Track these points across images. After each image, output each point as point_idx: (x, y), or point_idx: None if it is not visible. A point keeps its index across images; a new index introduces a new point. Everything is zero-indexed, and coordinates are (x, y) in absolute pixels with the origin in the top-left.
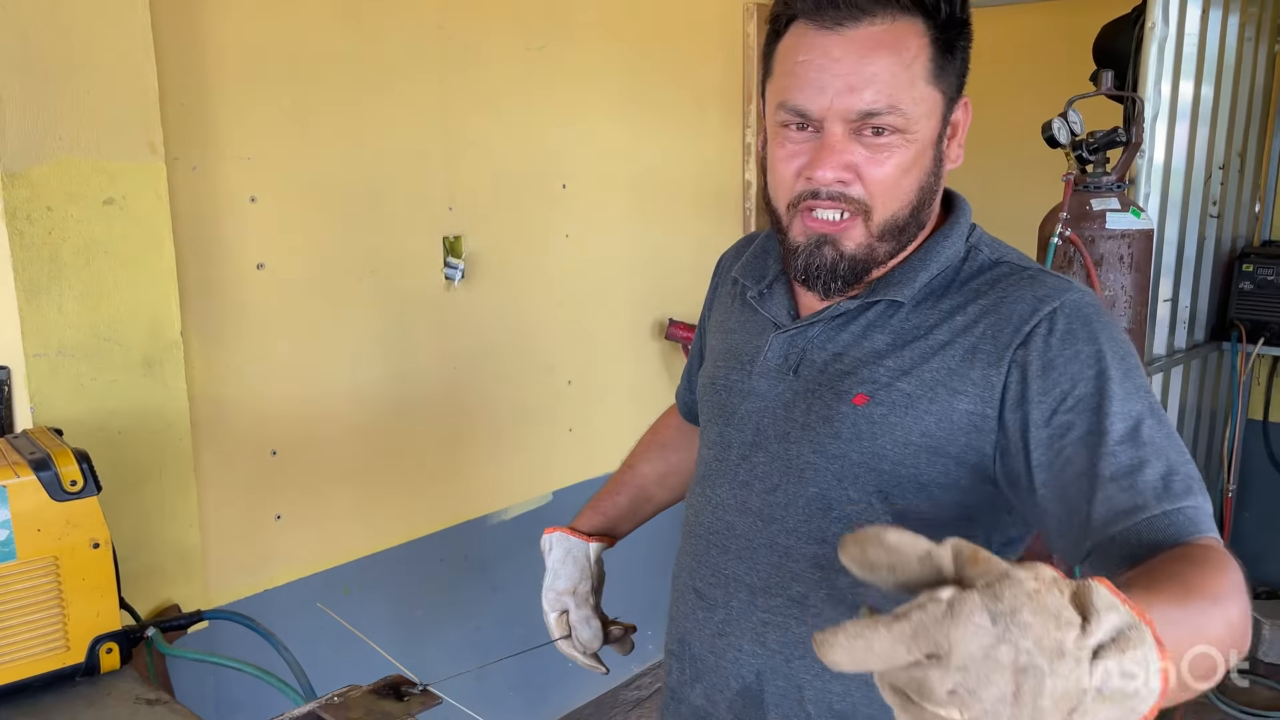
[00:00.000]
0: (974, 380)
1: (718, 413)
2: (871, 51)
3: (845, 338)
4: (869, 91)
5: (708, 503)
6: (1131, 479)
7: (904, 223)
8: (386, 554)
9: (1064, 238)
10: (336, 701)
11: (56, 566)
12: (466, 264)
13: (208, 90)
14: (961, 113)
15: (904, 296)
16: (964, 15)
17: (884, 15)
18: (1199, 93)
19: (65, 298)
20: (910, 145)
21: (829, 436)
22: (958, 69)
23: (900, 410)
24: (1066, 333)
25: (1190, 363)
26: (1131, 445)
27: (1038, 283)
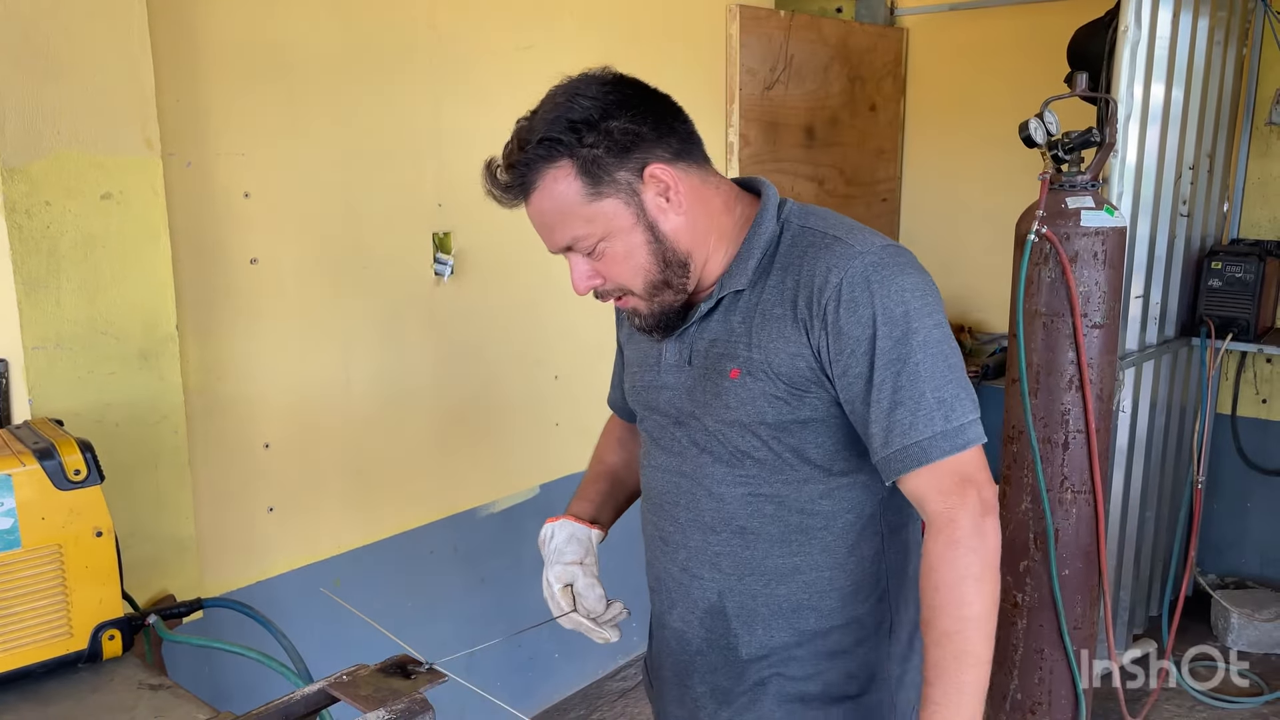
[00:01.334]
0: (804, 344)
1: (645, 406)
2: (540, 211)
3: (713, 327)
4: (555, 235)
5: (656, 469)
6: (887, 420)
7: (662, 279)
8: (377, 546)
9: (1040, 235)
10: (345, 680)
11: (60, 554)
12: (456, 260)
13: (202, 87)
14: (660, 174)
15: (741, 284)
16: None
17: (537, 179)
18: (1170, 95)
19: (63, 291)
20: (616, 239)
21: (722, 407)
22: (619, 163)
23: (762, 375)
24: (850, 300)
25: (1161, 358)
26: (891, 389)
27: (831, 251)
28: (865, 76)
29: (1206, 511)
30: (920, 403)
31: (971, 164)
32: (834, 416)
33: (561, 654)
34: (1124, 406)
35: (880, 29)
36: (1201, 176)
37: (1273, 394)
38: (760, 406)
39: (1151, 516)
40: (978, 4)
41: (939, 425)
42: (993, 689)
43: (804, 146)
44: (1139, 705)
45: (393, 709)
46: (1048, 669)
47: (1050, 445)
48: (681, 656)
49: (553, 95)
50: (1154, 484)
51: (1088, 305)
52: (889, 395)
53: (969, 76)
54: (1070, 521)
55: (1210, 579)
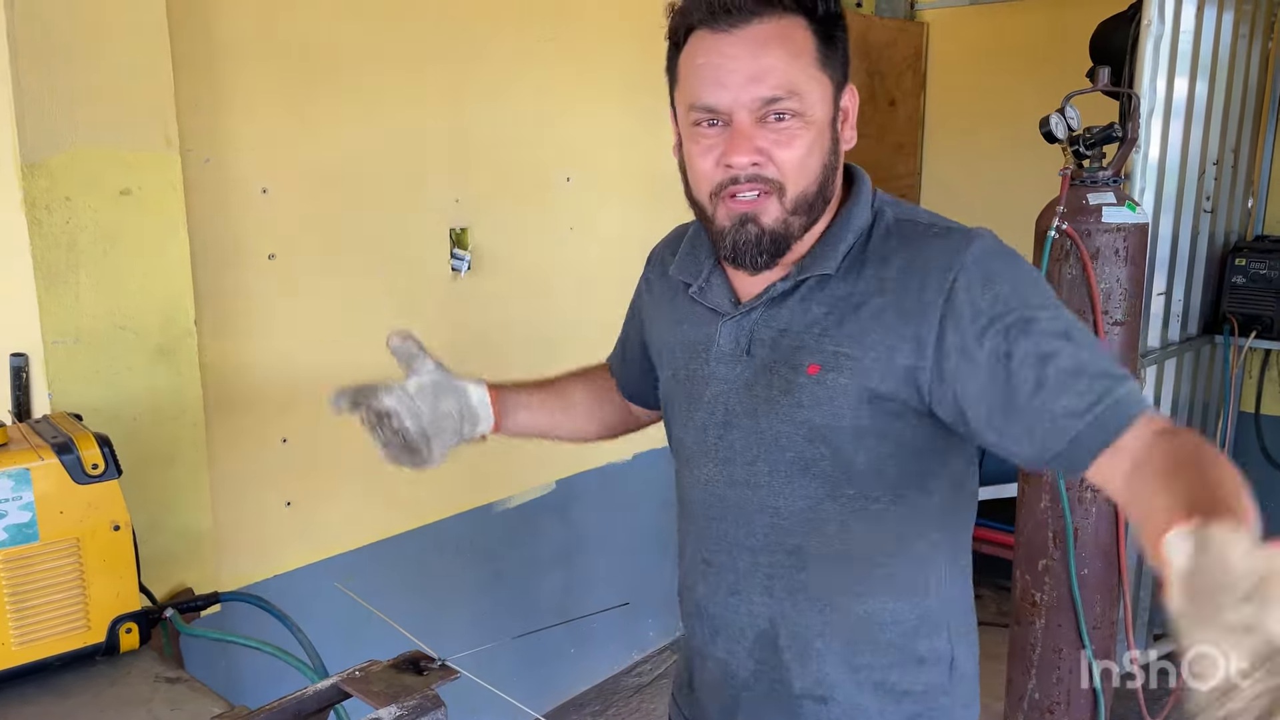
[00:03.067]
0: (908, 337)
1: (686, 400)
2: (764, 46)
3: (785, 314)
4: (768, 81)
5: (697, 481)
6: (1076, 381)
7: (813, 198)
8: (392, 540)
9: (1061, 231)
10: (358, 675)
11: (78, 548)
12: (473, 255)
13: (220, 83)
14: (849, 99)
15: (830, 268)
16: (838, 10)
17: (770, 14)
18: (1194, 89)
19: (82, 286)
20: (810, 127)
21: (792, 406)
22: (840, 59)
23: (849, 373)
24: (984, 279)
25: (1183, 355)
26: (1068, 356)
27: (946, 239)
28: (885, 71)
29: None
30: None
31: (991, 159)
32: (915, 429)
33: (577, 649)
34: None
35: (900, 23)
36: (1225, 172)
37: None
38: (839, 409)
39: None
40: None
41: (1130, 384)
42: (1010, 688)
43: None
44: (1159, 705)
45: (405, 705)
46: (1066, 669)
47: None
48: (727, 691)
49: None
50: None
51: (1109, 302)
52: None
53: (989, 71)
54: (1090, 520)
55: None
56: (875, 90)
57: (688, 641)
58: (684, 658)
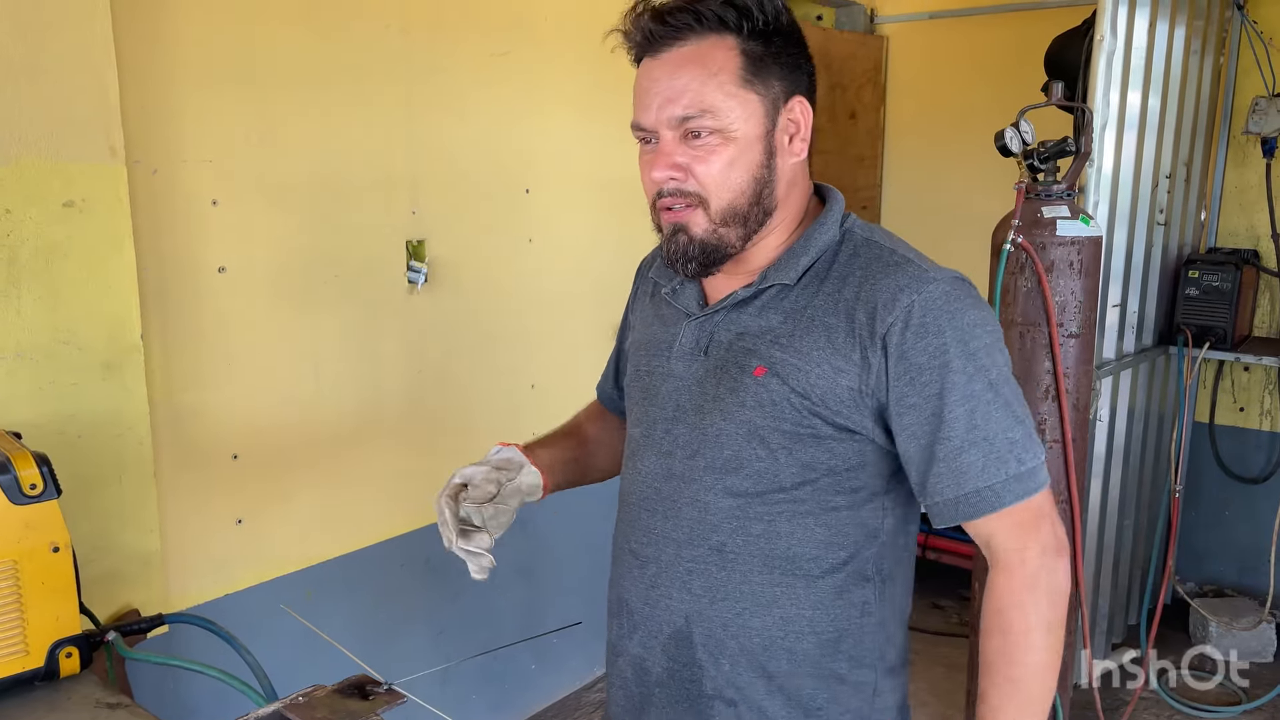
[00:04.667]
0: (854, 360)
1: (642, 395)
2: (680, 68)
3: (744, 319)
4: (680, 101)
5: (637, 474)
6: (956, 461)
7: (744, 210)
8: (348, 558)
9: (1016, 244)
10: (301, 701)
11: (15, 570)
12: (430, 268)
13: (169, 93)
14: (798, 111)
15: (789, 279)
16: (775, 24)
17: (692, 37)
18: (1146, 104)
19: (24, 300)
20: (731, 142)
21: (736, 405)
22: (780, 73)
23: (793, 379)
24: (920, 327)
25: (1139, 366)
26: (965, 428)
27: (902, 271)
28: (845, 84)
29: (1185, 520)
30: (993, 445)
31: (951, 172)
32: (853, 444)
33: (538, 665)
34: (1102, 415)
35: (860, 37)
36: (1179, 185)
37: (1250, 402)
38: (780, 412)
39: (1130, 525)
40: (957, 13)
41: (1012, 468)
42: (970, 699)
43: None
44: (1117, 714)
45: None
46: None
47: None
48: (638, 688)
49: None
50: (1132, 492)
51: (1064, 315)
52: (961, 434)
53: (949, 85)
54: None
55: (1189, 587)
56: (836, 103)
57: (608, 639)
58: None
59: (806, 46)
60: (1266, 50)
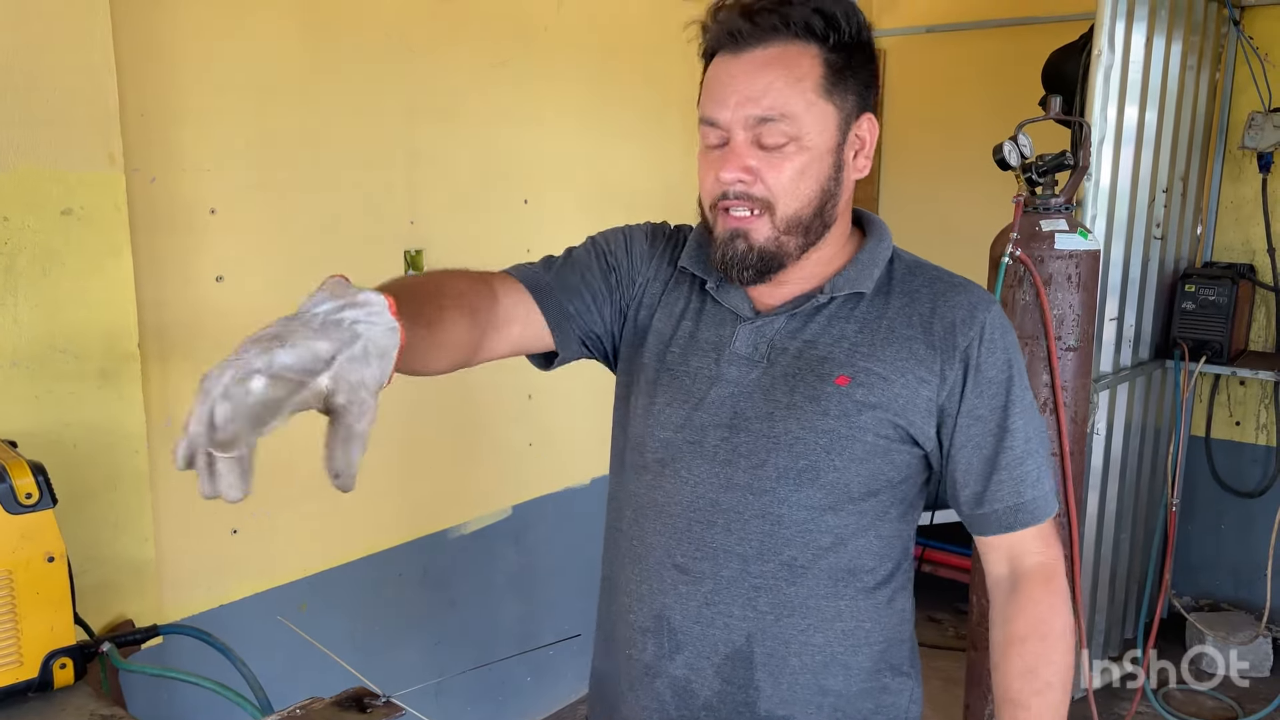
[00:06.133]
0: (935, 371)
1: (683, 397)
2: (764, 68)
3: (814, 328)
4: (762, 101)
5: (684, 482)
6: (1016, 470)
7: (808, 220)
8: (344, 569)
9: (1014, 257)
10: (299, 714)
11: (10, 580)
12: None
13: (168, 101)
14: (867, 128)
15: (865, 288)
16: (858, 40)
17: (778, 40)
18: (1143, 118)
19: (21, 308)
20: (805, 151)
21: (817, 414)
22: (856, 88)
23: (878, 390)
24: (992, 342)
25: (1135, 380)
26: (1024, 440)
27: (968, 291)
28: None
29: (1181, 534)
30: (1041, 456)
31: (948, 185)
32: (912, 455)
33: (534, 678)
34: (1098, 429)
35: None
36: (1175, 199)
37: (1246, 416)
38: (863, 423)
39: (1126, 539)
40: (955, 26)
41: (1048, 484)
42: (968, 712)
43: None
44: None
45: None
46: None
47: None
48: (679, 712)
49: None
50: (1129, 506)
51: (1061, 328)
52: (1021, 445)
53: (946, 98)
54: None
55: (1185, 601)
56: None
57: (621, 663)
58: (604, 685)
59: (878, 66)
60: (1263, 66)
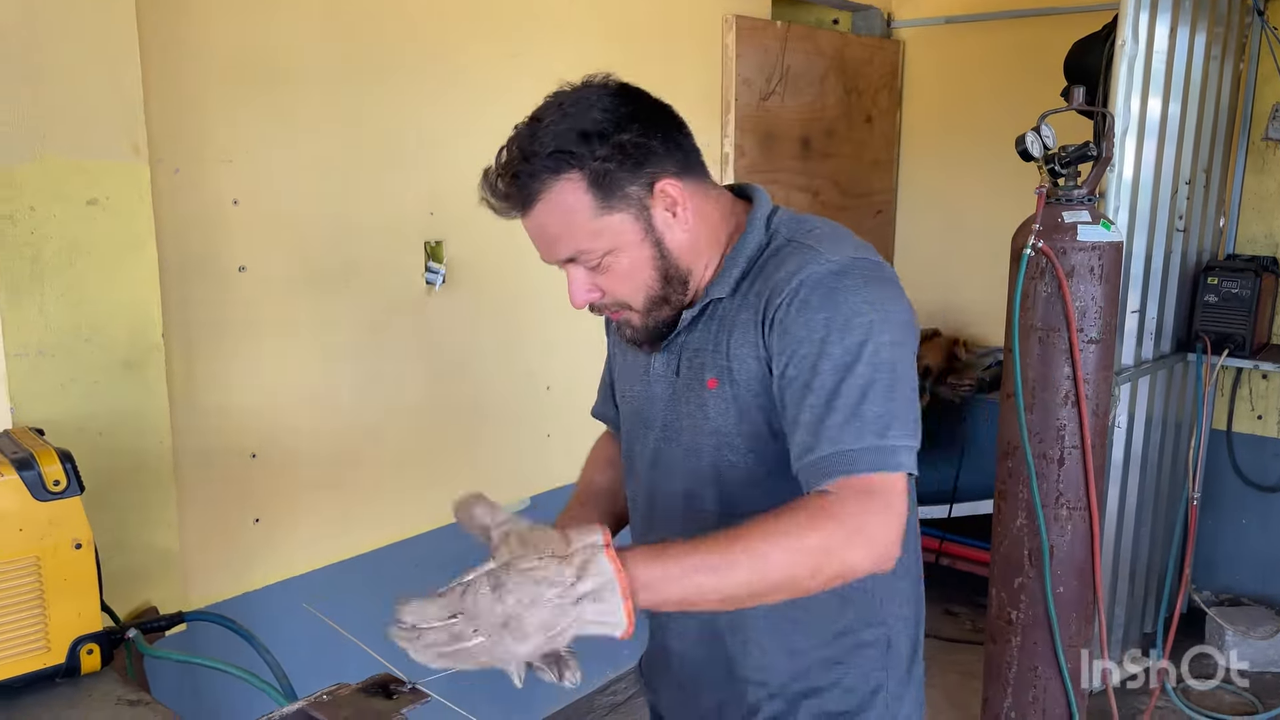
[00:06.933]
0: (760, 346)
1: (633, 417)
2: (541, 226)
3: (695, 336)
4: (558, 250)
5: (641, 488)
6: (820, 424)
7: (662, 293)
8: (365, 558)
9: (1036, 249)
10: (325, 699)
11: (38, 566)
12: (448, 269)
13: (191, 92)
14: (670, 192)
15: (723, 293)
16: (616, 132)
17: (538, 193)
18: (1166, 110)
19: (47, 298)
20: (618, 256)
21: (703, 419)
22: (633, 174)
23: (737, 384)
24: (803, 303)
25: (1157, 373)
26: (829, 394)
27: (799, 256)
28: (861, 88)
29: (1201, 528)
30: (857, 414)
31: (967, 177)
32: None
33: None
34: (1119, 422)
35: (877, 41)
36: (1198, 191)
37: (1268, 410)
38: (735, 416)
39: (1146, 533)
40: (974, 17)
41: (870, 440)
42: (986, 706)
43: (800, 158)
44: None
45: None
46: (1042, 686)
47: (1045, 461)
48: (684, 674)
49: (558, 103)
50: (1149, 500)
51: (1084, 320)
52: (824, 400)
53: (965, 89)
54: (1065, 538)
55: (1205, 596)
56: (852, 107)
57: (649, 629)
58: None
59: (657, 112)
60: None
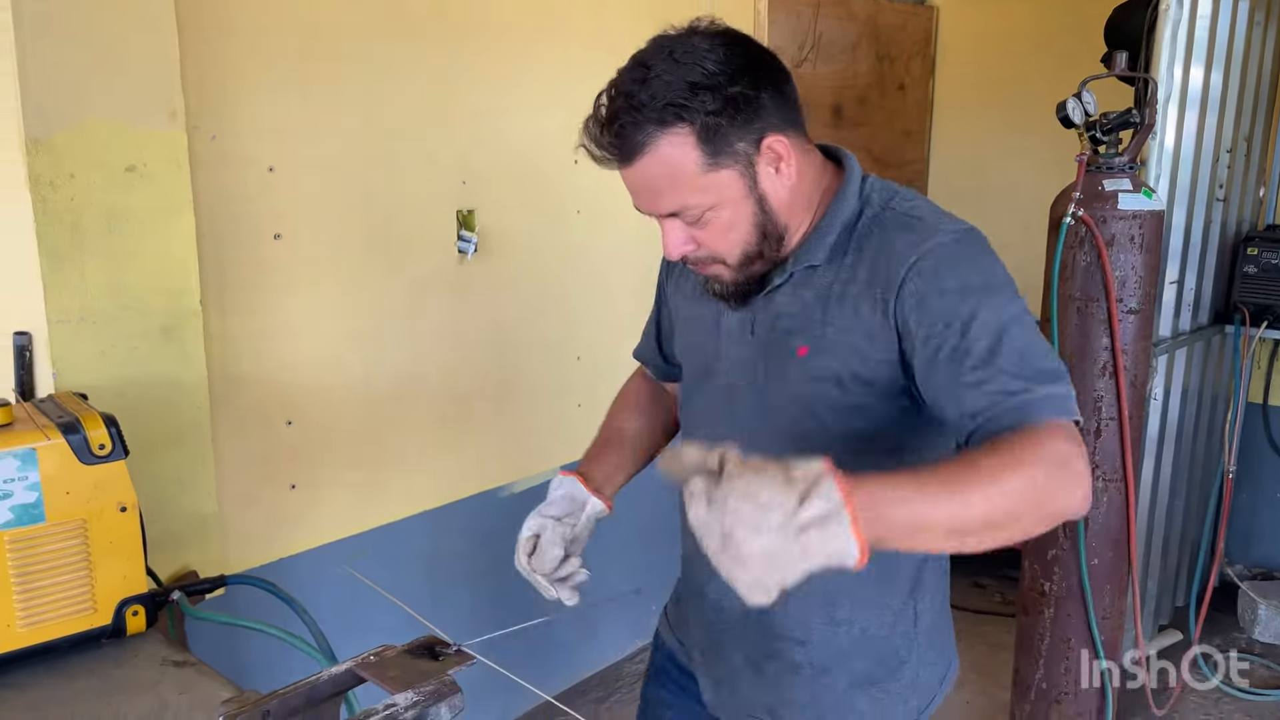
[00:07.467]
0: (881, 326)
1: (700, 371)
2: (646, 180)
3: (781, 301)
4: (660, 204)
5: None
6: (983, 386)
7: (758, 250)
8: (397, 525)
9: (1076, 218)
10: (373, 660)
11: (85, 529)
12: (479, 238)
13: (226, 59)
14: (776, 147)
15: (817, 260)
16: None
17: (647, 144)
18: (1209, 77)
19: (87, 265)
20: (720, 211)
21: (786, 384)
22: (744, 129)
23: (832, 356)
24: (933, 271)
25: (1194, 345)
26: (988, 349)
27: (912, 231)
28: (894, 56)
29: (1235, 502)
30: (1023, 365)
31: (1000, 146)
32: (891, 408)
33: (580, 636)
34: (1156, 394)
35: (910, 7)
36: (1238, 161)
37: None
38: (826, 388)
39: (1180, 506)
40: None
41: (1048, 389)
42: (1017, 677)
43: (831, 126)
44: (1165, 696)
45: (421, 690)
46: (1074, 659)
47: (1082, 432)
48: (718, 625)
49: (667, 50)
50: (1184, 473)
51: (1123, 290)
52: (985, 360)
53: (999, 57)
54: (1101, 510)
55: (1238, 570)
56: (884, 75)
57: (684, 577)
58: (680, 586)
59: (765, 63)
60: None
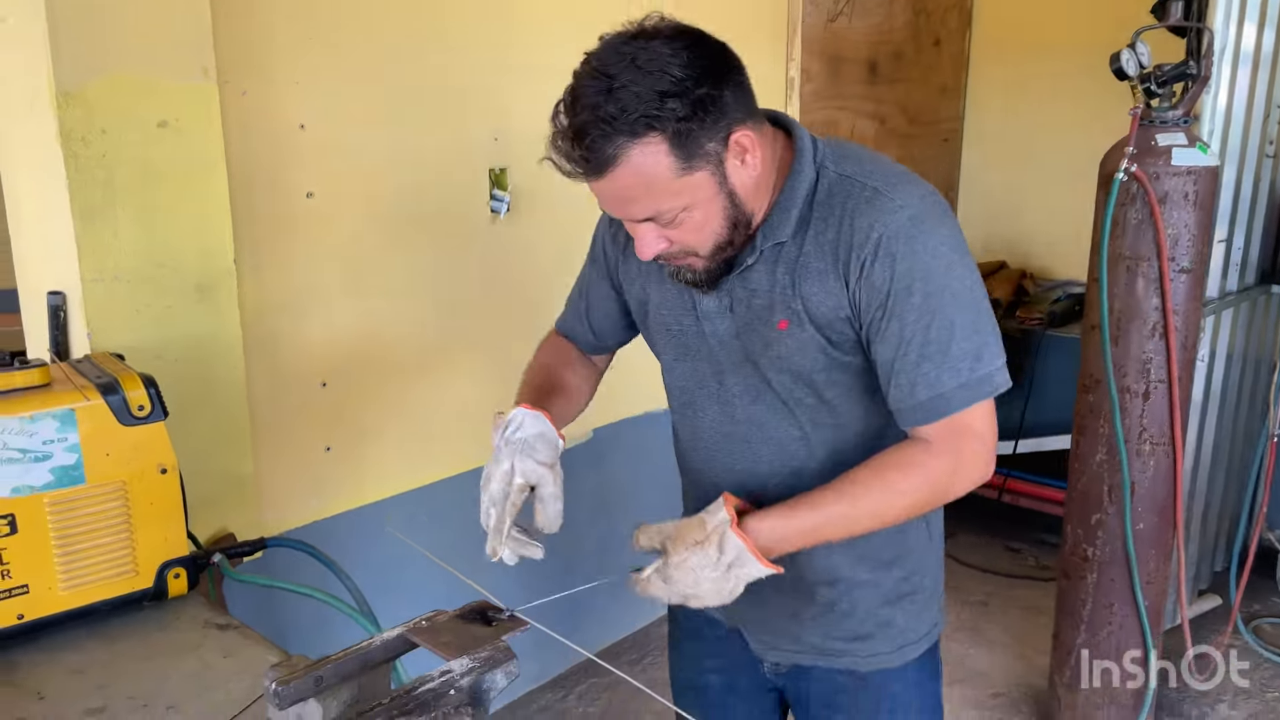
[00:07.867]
0: (844, 296)
1: (681, 351)
2: (620, 190)
3: (754, 278)
4: (635, 212)
5: (701, 421)
6: (915, 371)
7: (729, 238)
8: (432, 488)
9: (1129, 174)
10: (425, 626)
11: (125, 491)
12: (512, 197)
13: (258, 13)
14: (743, 142)
15: (784, 236)
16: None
17: (618, 156)
18: (1262, 31)
19: (120, 222)
20: (693, 211)
21: (774, 357)
22: (713, 129)
23: (809, 326)
24: (888, 254)
25: (1240, 306)
26: (920, 344)
27: (873, 205)
28: (930, 9)
29: (1278, 466)
30: (948, 355)
31: (1039, 102)
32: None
33: (612, 598)
34: (1202, 356)
35: None
36: None
37: None
38: (811, 356)
39: (1222, 470)
40: None
41: (964, 376)
42: (1058, 641)
43: (866, 83)
44: (1205, 661)
45: (476, 657)
46: (1117, 624)
47: (1129, 395)
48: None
49: (630, 59)
50: (1226, 436)
51: (1175, 249)
52: (917, 349)
53: (1037, 10)
54: (1147, 474)
55: (1278, 535)
56: (920, 29)
57: None
58: None
59: (725, 58)
60: None
